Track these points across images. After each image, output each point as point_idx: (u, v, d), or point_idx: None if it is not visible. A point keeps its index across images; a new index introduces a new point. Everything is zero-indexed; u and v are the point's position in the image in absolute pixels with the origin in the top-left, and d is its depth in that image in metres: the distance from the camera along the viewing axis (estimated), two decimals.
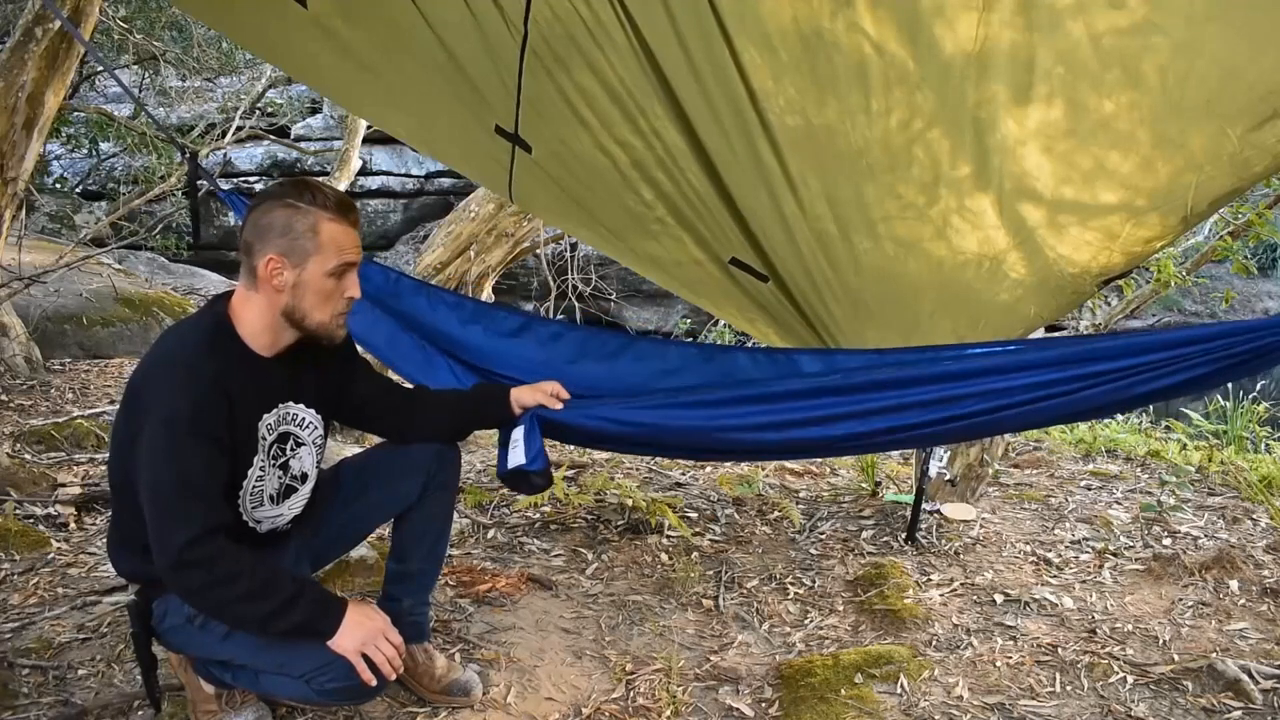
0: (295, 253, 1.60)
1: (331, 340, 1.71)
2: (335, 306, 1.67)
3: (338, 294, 1.66)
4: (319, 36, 2.27)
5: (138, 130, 8.24)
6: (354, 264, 1.67)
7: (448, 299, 2.48)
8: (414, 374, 2.38)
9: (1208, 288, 11.64)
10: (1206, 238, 5.81)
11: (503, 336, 2.40)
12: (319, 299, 1.64)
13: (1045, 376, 1.73)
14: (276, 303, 1.64)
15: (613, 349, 2.39)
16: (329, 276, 1.62)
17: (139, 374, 1.63)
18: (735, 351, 2.39)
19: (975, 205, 1.89)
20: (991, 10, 1.45)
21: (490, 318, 2.44)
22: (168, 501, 1.52)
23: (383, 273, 2.45)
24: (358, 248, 1.68)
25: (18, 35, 2.98)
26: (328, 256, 1.61)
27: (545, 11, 1.85)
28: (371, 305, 2.38)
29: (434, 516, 2.00)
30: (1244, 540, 3.13)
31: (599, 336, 2.46)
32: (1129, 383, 1.67)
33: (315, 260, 1.61)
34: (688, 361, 2.35)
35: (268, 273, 1.61)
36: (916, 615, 2.49)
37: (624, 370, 2.34)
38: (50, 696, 1.95)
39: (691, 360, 2.35)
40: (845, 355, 2.23)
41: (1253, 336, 1.54)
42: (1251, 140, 1.48)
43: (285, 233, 1.60)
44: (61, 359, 5.31)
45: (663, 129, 2.05)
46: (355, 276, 1.68)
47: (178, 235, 9.81)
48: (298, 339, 1.71)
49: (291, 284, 1.62)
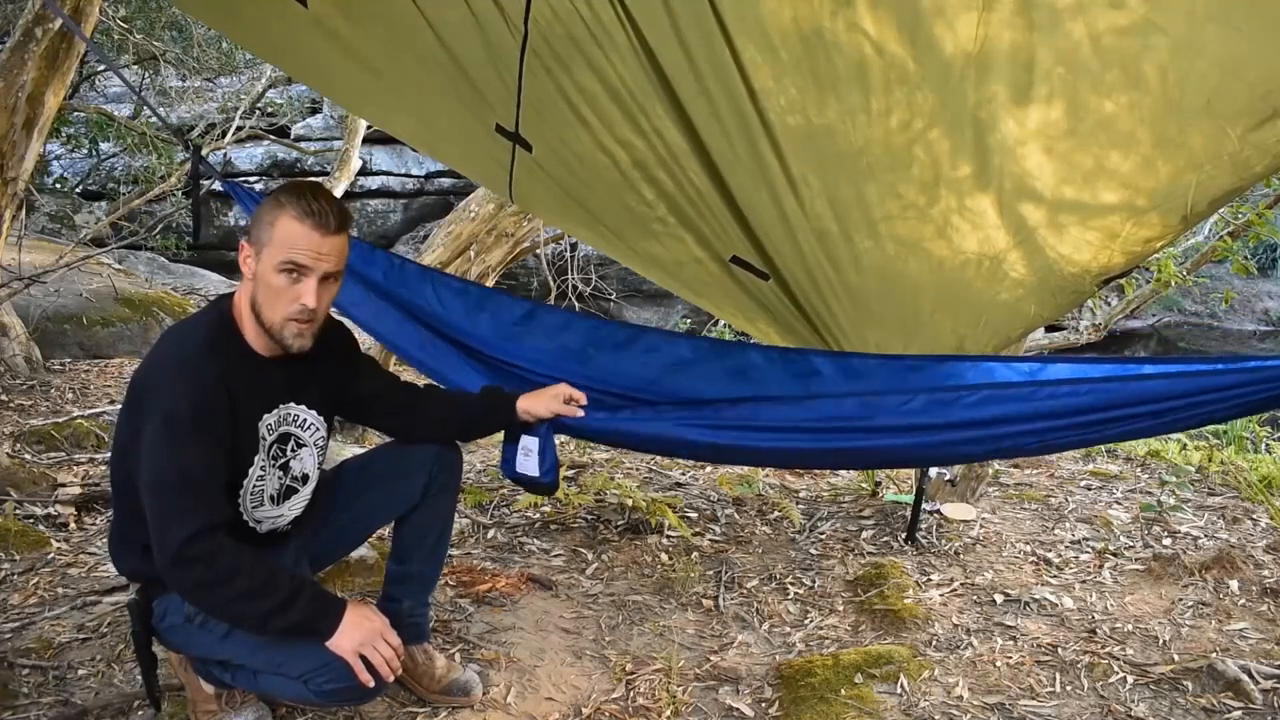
0: (257, 241, 1.62)
1: (288, 348, 1.66)
2: (284, 308, 1.61)
3: (288, 295, 1.61)
4: (319, 36, 2.27)
5: (138, 130, 8.24)
6: (305, 268, 1.60)
7: (453, 285, 2.47)
8: (424, 362, 2.36)
9: (1208, 288, 11.64)
10: (1206, 238, 5.81)
11: (510, 325, 2.39)
12: (268, 294, 1.62)
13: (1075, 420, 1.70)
14: (249, 293, 1.65)
15: (622, 339, 2.37)
16: (278, 272, 1.60)
17: (142, 372, 1.64)
18: (747, 347, 2.37)
19: (975, 205, 1.89)
20: (991, 10, 1.45)
21: (497, 305, 2.43)
22: (168, 498, 1.53)
23: (388, 259, 2.45)
24: (318, 255, 1.60)
25: (18, 35, 2.97)
26: (277, 250, 1.59)
27: (545, 11, 1.85)
28: (378, 294, 2.37)
29: (435, 518, 2.00)
30: (1244, 540, 3.13)
31: (607, 326, 2.45)
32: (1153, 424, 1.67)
33: (267, 251, 1.60)
34: (700, 354, 2.33)
35: (242, 259, 1.64)
36: (916, 615, 2.49)
37: (634, 362, 2.31)
38: (50, 696, 1.95)
39: (704, 354, 2.34)
40: (860, 360, 2.20)
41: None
42: (1252, 140, 1.48)
43: (257, 222, 1.63)
44: (61, 359, 5.31)
45: (664, 128, 2.05)
46: (312, 285, 1.60)
47: (178, 235, 9.80)
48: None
49: (254, 273, 1.63)
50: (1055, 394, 1.71)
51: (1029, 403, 1.72)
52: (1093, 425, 1.70)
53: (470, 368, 2.29)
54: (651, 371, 2.29)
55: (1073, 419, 1.70)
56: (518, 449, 2.02)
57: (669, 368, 2.29)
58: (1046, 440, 1.78)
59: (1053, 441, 1.81)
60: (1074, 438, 1.77)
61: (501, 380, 2.20)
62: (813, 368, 2.20)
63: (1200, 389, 1.59)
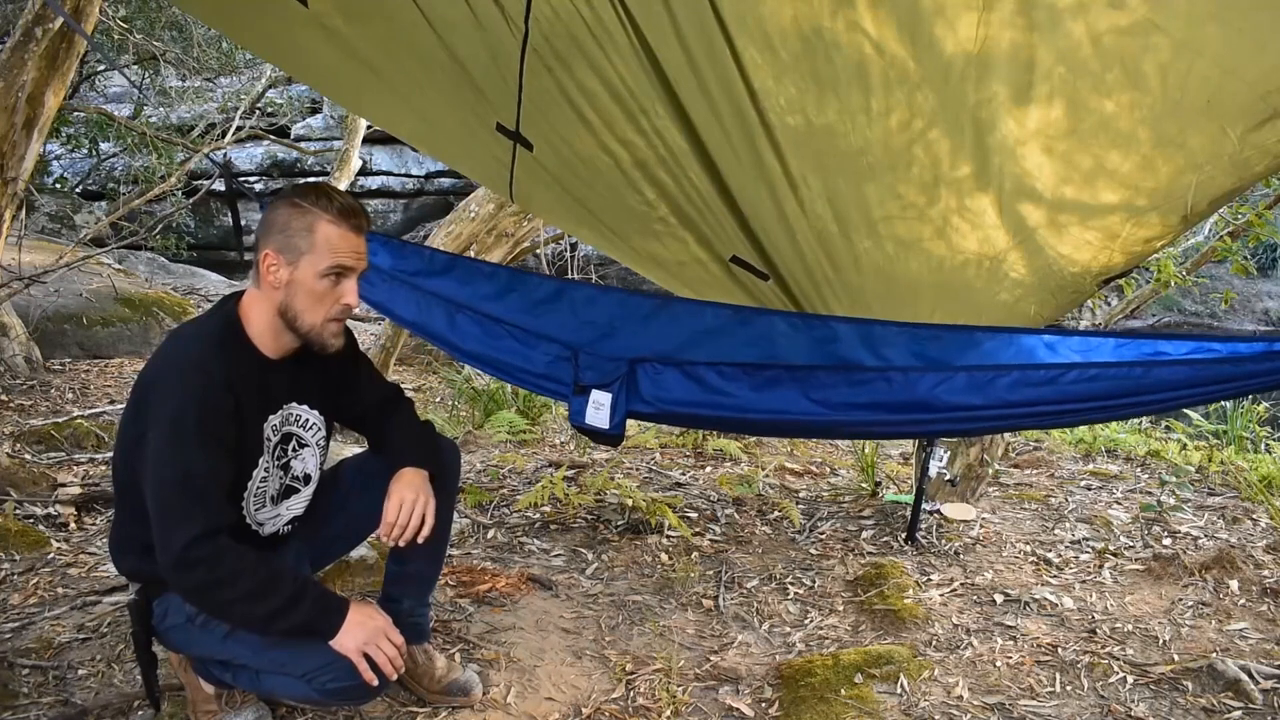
0: (290, 250, 1.62)
1: (324, 349, 1.69)
2: (327, 310, 1.65)
3: (331, 298, 1.65)
4: (319, 35, 2.26)
5: (138, 130, 8.24)
6: (349, 269, 1.65)
7: (483, 269, 2.58)
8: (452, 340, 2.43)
9: (1207, 287, 11.64)
10: (1206, 238, 5.81)
11: (539, 303, 2.47)
12: (310, 300, 1.64)
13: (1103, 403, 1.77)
14: (274, 301, 1.65)
15: (647, 310, 2.45)
16: (321, 278, 1.62)
17: (148, 373, 1.64)
18: (771, 314, 2.41)
19: (975, 205, 1.89)
20: (992, 10, 1.45)
21: (525, 284, 2.51)
22: (172, 500, 1.53)
23: (418, 251, 2.55)
24: (358, 254, 1.66)
25: (18, 35, 2.97)
26: (320, 257, 1.61)
27: (546, 10, 1.85)
28: (407, 285, 2.46)
29: (435, 518, 1.99)
30: (1244, 540, 3.13)
31: (634, 298, 2.50)
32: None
33: (308, 259, 1.61)
34: (724, 323, 2.38)
35: (265, 269, 1.63)
36: (916, 615, 2.49)
37: (660, 330, 2.40)
38: (50, 696, 1.95)
39: (728, 322, 2.38)
40: (883, 326, 2.23)
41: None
42: (1251, 140, 1.48)
43: (283, 230, 1.62)
44: (61, 359, 5.31)
45: (664, 128, 2.05)
46: (353, 284, 1.66)
47: (178, 235, 9.80)
48: (300, 344, 1.71)
49: (285, 281, 1.63)
50: (1081, 377, 1.76)
51: (1055, 386, 1.77)
52: (1114, 407, 1.78)
53: (497, 343, 2.35)
54: (679, 338, 2.37)
55: (1096, 402, 1.77)
56: (588, 402, 2.12)
57: (697, 334, 2.36)
58: (1069, 419, 1.92)
59: (1072, 420, 1.94)
60: (1095, 417, 1.90)
61: (532, 351, 2.29)
62: (834, 334, 2.26)
63: (1219, 376, 1.63)
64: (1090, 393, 1.75)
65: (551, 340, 2.28)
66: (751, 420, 2.17)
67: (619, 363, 2.16)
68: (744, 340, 2.32)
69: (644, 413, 2.19)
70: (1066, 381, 1.76)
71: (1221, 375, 1.62)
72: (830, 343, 2.24)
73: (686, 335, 2.37)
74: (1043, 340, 2.09)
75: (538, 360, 2.29)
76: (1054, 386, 1.77)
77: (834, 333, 2.25)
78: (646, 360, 2.15)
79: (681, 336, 2.37)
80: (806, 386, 2.01)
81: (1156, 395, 1.69)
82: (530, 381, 2.36)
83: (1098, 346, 2.06)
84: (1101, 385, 1.74)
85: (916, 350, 2.13)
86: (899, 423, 2.03)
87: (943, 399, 1.87)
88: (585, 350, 2.21)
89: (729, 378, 2.09)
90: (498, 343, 2.33)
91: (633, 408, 2.16)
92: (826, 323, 2.31)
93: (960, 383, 1.86)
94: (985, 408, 1.85)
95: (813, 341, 2.27)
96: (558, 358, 2.24)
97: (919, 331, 2.14)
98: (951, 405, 1.87)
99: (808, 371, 2.05)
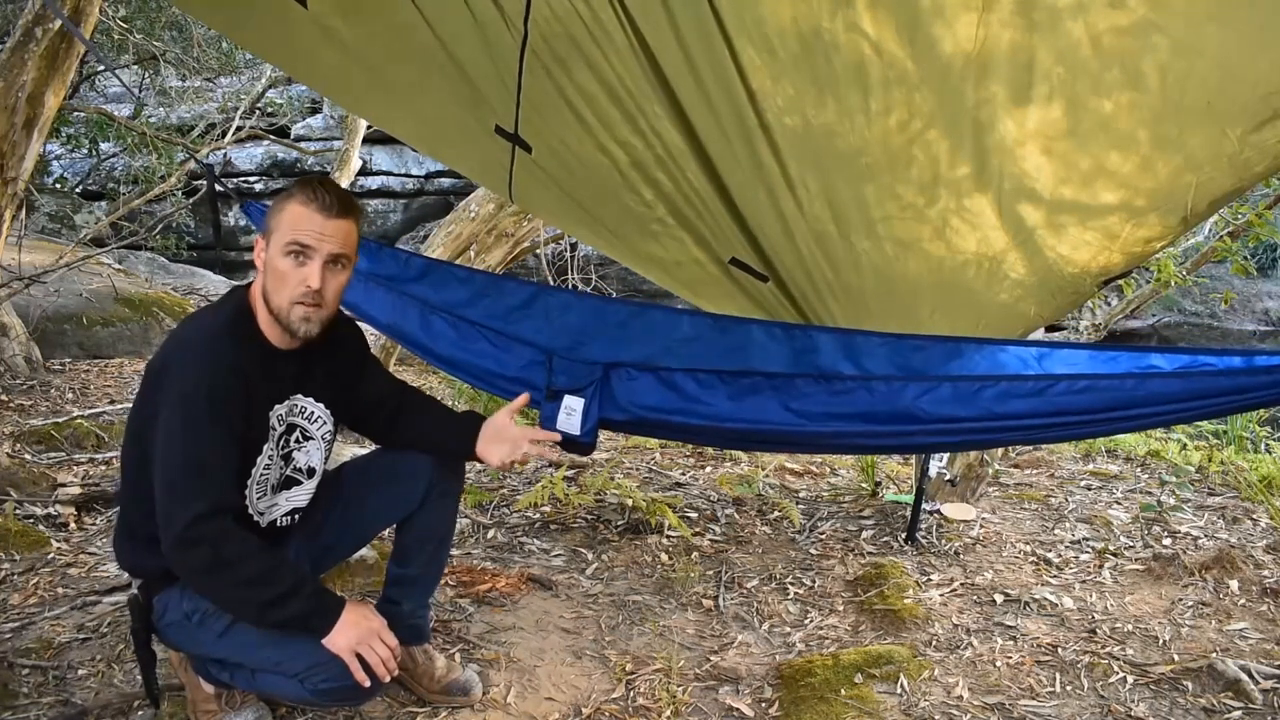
0: (266, 230, 1.67)
1: (295, 333, 1.68)
2: (292, 292, 1.64)
3: (295, 278, 1.63)
4: (319, 36, 2.27)
5: (138, 130, 8.23)
6: (308, 247, 1.62)
7: (458, 274, 2.54)
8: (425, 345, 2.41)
9: (1207, 288, 11.62)
10: (1206, 238, 5.80)
11: (514, 309, 2.44)
12: (276, 280, 1.65)
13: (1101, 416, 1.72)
14: (261, 285, 1.69)
15: (623, 317, 2.42)
16: (284, 255, 1.63)
17: (160, 357, 1.66)
18: (749, 324, 2.37)
19: (974, 205, 1.88)
20: (991, 10, 1.45)
21: (500, 290, 2.48)
22: (179, 477, 1.54)
23: (394, 254, 2.53)
24: (321, 235, 1.62)
25: (18, 35, 2.97)
26: (283, 234, 1.63)
27: (545, 11, 1.85)
28: (384, 288, 2.44)
29: (437, 523, 2.00)
30: (1244, 540, 3.13)
31: (610, 305, 2.50)
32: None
33: (274, 237, 1.65)
34: (701, 331, 2.36)
35: (255, 254, 1.69)
36: (916, 615, 2.49)
37: (636, 337, 2.36)
38: (50, 696, 1.95)
39: (705, 330, 2.36)
40: (864, 338, 2.20)
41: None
42: (1251, 141, 1.48)
43: (268, 217, 1.68)
44: (61, 359, 5.31)
45: (663, 129, 2.05)
46: (316, 267, 1.63)
47: (178, 235, 9.80)
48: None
49: (265, 263, 1.67)
50: (1071, 389, 1.71)
51: (1044, 398, 1.72)
52: (1103, 421, 1.73)
53: (470, 345, 2.31)
54: (655, 345, 2.33)
55: (1086, 415, 1.71)
56: (559, 408, 2.06)
57: (672, 343, 2.33)
58: (1057, 433, 1.83)
59: (1061, 434, 1.87)
60: (1085, 431, 1.83)
61: (506, 354, 2.24)
62: (814, 344, 2.22)
63: (1213, 390, 1.59)
64: (1080, 405, 1.69)
65: (526, 344, 2.24)
66: (728, 430, 2.08)
67: (594, 367, 2.09)
68: (722, 349, 2.28)
69: (617, 420, 2.10)
70: (1055, 393, 1.70)
71: (1216, 389, 1.58)
72: (811, 353, 2.20)
73: (663, 343, 2.33)
74: (1032, 352, 2.03)
75: (511, 364, 2.23)
76: (1042, 398, 1.71)
77: (815, 343, 2.21)
78: (622, 365, 2.09)
79: (658, 344, 2.33)
80: (786, 396, 1.94)
81: (1148, 409, 1.64)
82: (503, 387, 2.29)
83: (1089, 359, 1.98)
84: (1091, 398, 1.68)
85: (900, 361, 2.08)
86: (882, 434, 1.95)
87: (927, 410, 1.80)
88: (560, 354, 2.16)
89: (706, 385, 2.02)
90: (472, 345, 2.29)
91: (606, 414, 2.08)
92: (808, 333, 2.27)
93: (945, 393, 1.80)
94: (972, 420, 1.78)
95: (793, 352, 2.23)
96: (532, 362, 2.19)
97: (903, 342, 2.10)
98: (936, 417, 1.81)
99: (787, 380, 1.98)
